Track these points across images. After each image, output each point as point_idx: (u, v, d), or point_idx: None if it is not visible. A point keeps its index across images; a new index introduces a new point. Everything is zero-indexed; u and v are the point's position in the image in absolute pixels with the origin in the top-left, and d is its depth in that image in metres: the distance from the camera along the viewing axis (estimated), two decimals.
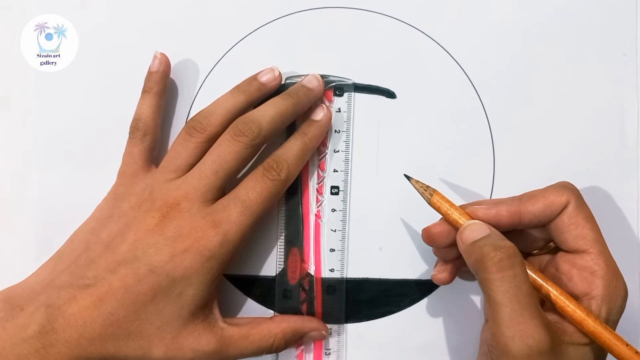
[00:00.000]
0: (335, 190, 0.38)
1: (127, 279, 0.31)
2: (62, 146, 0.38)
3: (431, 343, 0.37)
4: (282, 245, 0.37)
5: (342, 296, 0.37)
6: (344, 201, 0.38)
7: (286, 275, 0.37)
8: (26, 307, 0.31)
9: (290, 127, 0.37)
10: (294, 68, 0.38)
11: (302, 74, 0.37)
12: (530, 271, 0.31)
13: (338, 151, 0.38)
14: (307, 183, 0.37)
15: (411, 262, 0.37)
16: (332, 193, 0.38)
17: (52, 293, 0.31)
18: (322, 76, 0.37)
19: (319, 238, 0.37)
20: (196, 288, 0.31)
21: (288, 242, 0.37)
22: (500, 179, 0.38)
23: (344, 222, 0.37)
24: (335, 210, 0.38)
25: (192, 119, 0.34)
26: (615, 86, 0.38)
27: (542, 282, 0.31)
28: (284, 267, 0.37)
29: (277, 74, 0.36)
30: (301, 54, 0.38)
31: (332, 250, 0.37)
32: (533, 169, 0.38)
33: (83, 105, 0.38)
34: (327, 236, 0.37)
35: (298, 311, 0.37)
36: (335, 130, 0.38)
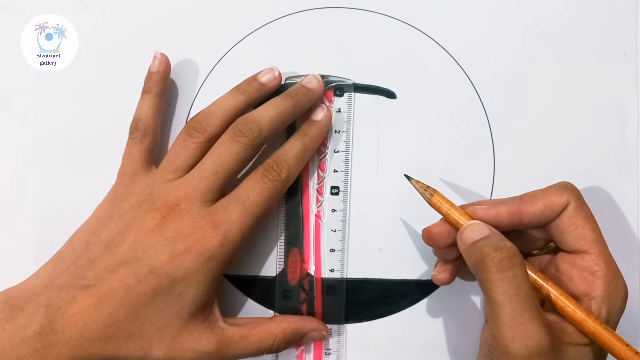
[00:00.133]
0: (335, 191, 0.38)
1: (127, 279, 0.31)
2: (62, 146, 0.38)
3: (431, 343, 0.37)
4: (282, 246, 0.37)
5: (342, 296, 0.37)
6: (344, 201, 0.38)
7: (286, 276, 0.37)
8: (26, 307, 0.31)
9: (291, 127, 0.37)
10: (294, 68, 0.38)
11: (302, 74, 0.37)
12: (531, 271, 0.31)
13: (338, 151, 0.38)
14: (307, 183, 0.37)
15: (411, 262, 0.37)
16: (332, 193, 0.38)
17: (52, 294, 0.31)
18: (322, 76, 0.37)
19: (319, 238, 0.37)
20: (196, 288, 0.31)
21: (288, 243, 0.37)
22: (500, 179, 0.38)
23: (344, 222, 0.37)
24: (335, 210, 0.37)
25: (191, 120, 0.34)
26: (615, 86, 0.38)
27: (543, 283, 0.31)
28: (284, 267, 0.37)
29: (277, 74, 0.36)
30: (301, 54, 0.38)
31: (332, 250, 0.37)
32: (533, 169, 0.38)
33: (83, 105, 0.38)
34: (327, 236, 0.37)
35: (298, 311, 0.37)
36: (336, 131, 0.38)
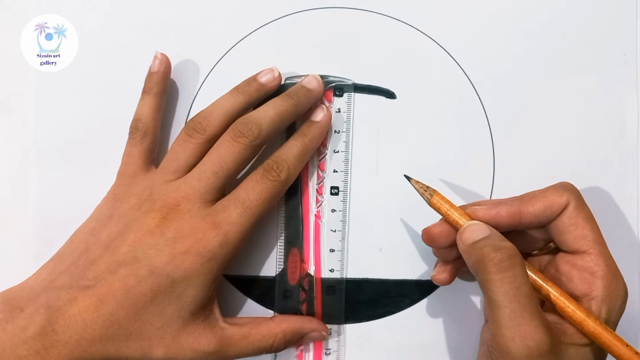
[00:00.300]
0: (335, 191, 0.38)
1: (127, 280, 0.31)
2: (62, 146, 0.38)
3: (431, 343, 0.37)
4: (282, 246, 0.37)
5: (342, 296, 0.37)
6: (344, 201, 0.38)
7: (286, 276, 0.37)
8: (26, 308, 0.31)
9: (290, 127, 0.37)
10: (293, 68, 0.38)
11: (302, 74, 0.37)
12: (530, 272, 0.31)
13: (338, 151, 0.38)
14: (307, 183, 0.37)
15: (411, 262, 0.37)
16: (332, 193, 0.38)
17: (52, 294, 0.31)
18: (322, 76, 0.37)
19: (319, 238, 0.37)
20: (196, 289, 0.31)
21: (288, 243, 0.37)
22: (500, 179, 0.38)
23: (343, 222, 0.37)
24: (335, 210, 0.37)
25: (191, 120, 0.34)
26: (615, 86, 0.38)
27: (542, 283, 0.31)
28: (284, 267, 0.37)
29: (277, 74, 0.36)
30: (301, 54, 0.38)
31: (332, 250, 0.37)
32: (533, 169, 0.38)
33: (83, 105, 0.38)
34: (327, 236, 0.37)
35: (298, 311, 0.37)
36: (335, 131, 0.38)
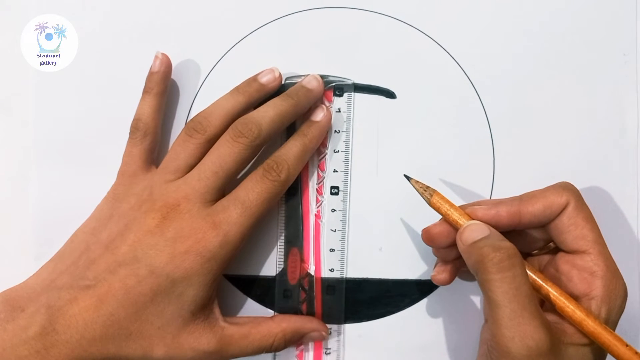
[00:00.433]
0: (335, 191, 0.38)
1: (128, 280, 0.31)
2: (62, 146, 0.38)
3: (431, 343, 0.37)
4: (282, 245, 0.37)
5: (342, 296, 0.37)
6: (344, 201, 0.38)
7: (286, 275, 0.37)
8: (27, 308, 0.31)
9: (290, 127, 0.37)
10: (293, 68, 0.38)
11: (302, 74, 0.37)
12: (530, 272, 0.31)
13: (338, 151, 0.38)
14: (307, 183, 0.37)
15: (411, 262, 0.37)
16: (332, 193, 0.38)
17: (53, 294, 0.31)
18: (322, 76, 0.37)
19: (319, 238, 0.37)
20: (196, 289, 0.31)
21: (288, 242, 0.37)
22: (500, 179, 0.38)
23: (343, 222, 0.37)
24: (335, 210, 0.38)
25: (191, 120, 0.34)
26: (615, 86, 0.38)
27: (542, 283, 0.31)
28: (284, 267, 0.37)
29: (277, 74, 0.36)
30: (301, 54, 0.38)
31: (332, 250, 0.37)
32: (533, 169, 0.38)
33: (83, 105, 0.38)
34: (327, 236, 0.37)
35: (298, 311, 0.37)
36: (335, 131, 0.38)
